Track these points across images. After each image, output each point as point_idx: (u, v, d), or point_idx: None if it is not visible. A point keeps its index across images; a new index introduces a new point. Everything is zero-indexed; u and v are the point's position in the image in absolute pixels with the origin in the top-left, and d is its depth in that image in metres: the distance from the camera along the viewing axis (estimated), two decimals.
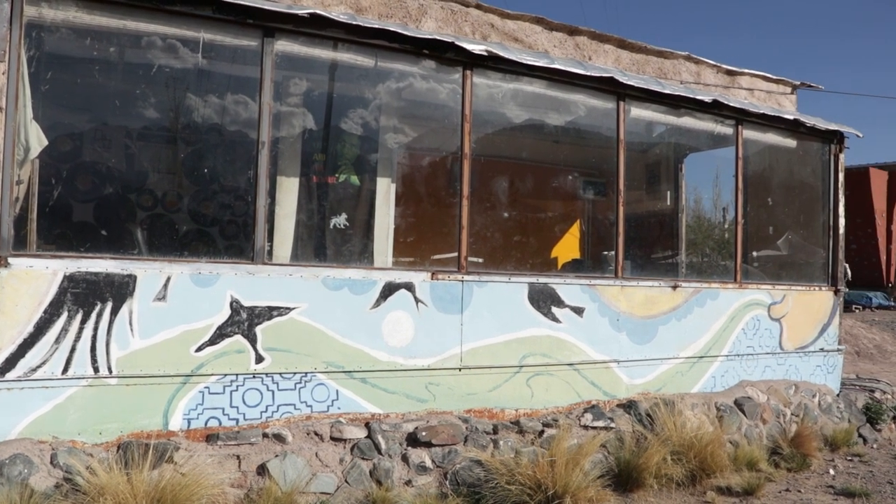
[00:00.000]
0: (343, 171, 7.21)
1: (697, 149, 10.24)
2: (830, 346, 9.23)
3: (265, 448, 5.45)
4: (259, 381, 5.63)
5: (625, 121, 7.55)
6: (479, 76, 6.79)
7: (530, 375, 6.78)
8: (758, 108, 8.50)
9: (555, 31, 7.92)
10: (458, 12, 7.27)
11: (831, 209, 9.44)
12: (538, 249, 10.74)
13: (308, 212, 7.05)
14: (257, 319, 5.61)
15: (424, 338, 6.27)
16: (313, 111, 7.05)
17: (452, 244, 6.61)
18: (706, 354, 7.99)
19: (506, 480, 5.56)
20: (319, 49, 6.17)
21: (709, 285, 8.15)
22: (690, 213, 11.82)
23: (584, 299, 7.14)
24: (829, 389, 9.08)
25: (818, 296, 9.16)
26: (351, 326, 5.97)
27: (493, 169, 10.01)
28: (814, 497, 6.49)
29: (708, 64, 9.12)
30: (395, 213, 7.41)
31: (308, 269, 5.89)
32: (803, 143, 9.49)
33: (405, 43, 6.31)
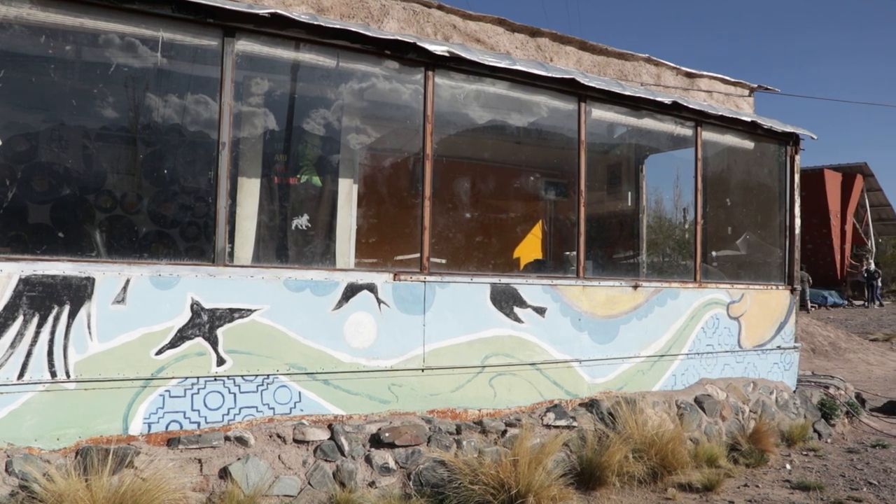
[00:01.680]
0: (305, 171, 7.17)
1: (658, 150, 10.36)
2: (787, 344, 9.40)
3: (227, 451, 5.41)
4: (220, 384, 5.57)
5: (586, 122, 7.61)
6: (442, 77, 6.80)
7: (493, 375, 6.81)
8: (716, 110, 8.63)
9: (517, 33, 7.96)
10: (420, 13, 7.28)
11: (787, 209, 9.61)
12: (500, 250, 10.78)
13: (270, 213, 7.00)
14: (218, 321, 5.56)
15: (387, 339, 6.26)
16: (275, 112, 7.01)
17: (415, 245, 6.61)
18: (667, 353, 8.09)
19: (469, 480, 5.58)
20: (281, 49, 6.14)
21: (669, 285, 8.24)
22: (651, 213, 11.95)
23: (545, 299, 7.18)
24: (786, 386, 9.24)
25: (775, 295, 9.32)
26: (313, 328, 5.94)
27: (455, 170, 10.03)
28: (771, 491, 6.60)
29: (668, 66, 9.24)
30: (358, 214, 7.39)
31: (270, 271, 5.85)
32: (760, 145, 9.65)
33: (367, 43, 6.29)
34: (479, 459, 5.86)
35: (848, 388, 10.31)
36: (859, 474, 7.22)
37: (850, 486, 6.82)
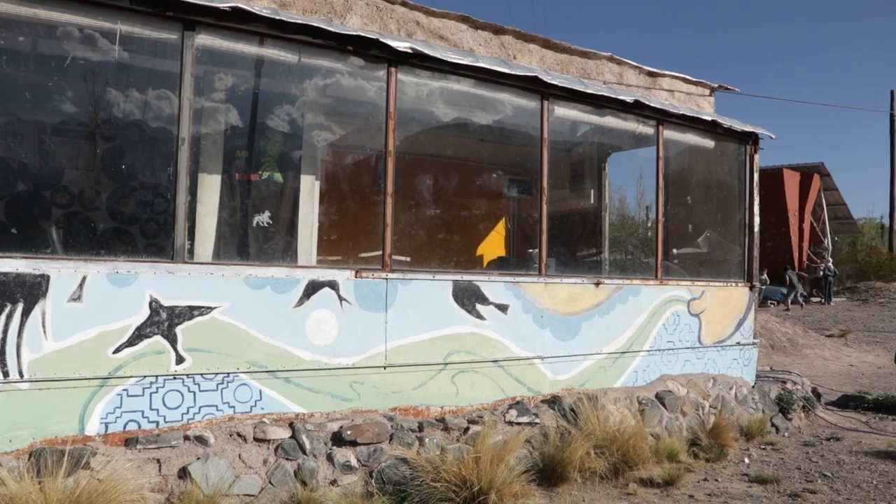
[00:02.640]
0: (266, 168, 7.11)
1: (620, 148, 10.44)
2: (746, 340, 9.53)
3: (187, 451, 5.34)
4: (180, 383, 5.50)
5: (549, 120, 7.64)
6: (407, 74, 6.78)
7: (455, 373, 6.80)
8: (678, 109, 8.71)
9: (480, 30, 7.95)
10: (383, 9, 7.24)
11: (747, 208, 9.73)
12: (464, 247, 10.78)
13: (230, 209, 6.92)
14: (177, 319, 5.48)
15: (349, 336, 6.23)
16: (236, 107, 6.93)
17: (378, 242, 6.58)
18: (628, 350, 8.15)
19: (431, 478, 5.56)
20: (242, 44, 6.06)
21: (631, 282, 8.31)
22: (615, 211, 12.03)
23: (508, 296, 7.20)
24: (745, 382, 9.37)
25: (735, 292, 9.43)
26: (274, 325, 5.89)
27: (419, 167, 10.01)
28: (730, 485, 6.69)
29: (630, 65, 9.30)
30: (320, 211, 7.34)
31: (230, 268, 5.79)
32: (721, 144, 9.76)
33: (329, 39, 6.25)
34: (442, 457, 5.85)
35: (805, 383, 10.49)
36: (814, 467, 7.35)
37: (805, 478, 6.94)
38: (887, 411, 10.19)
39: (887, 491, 6.57)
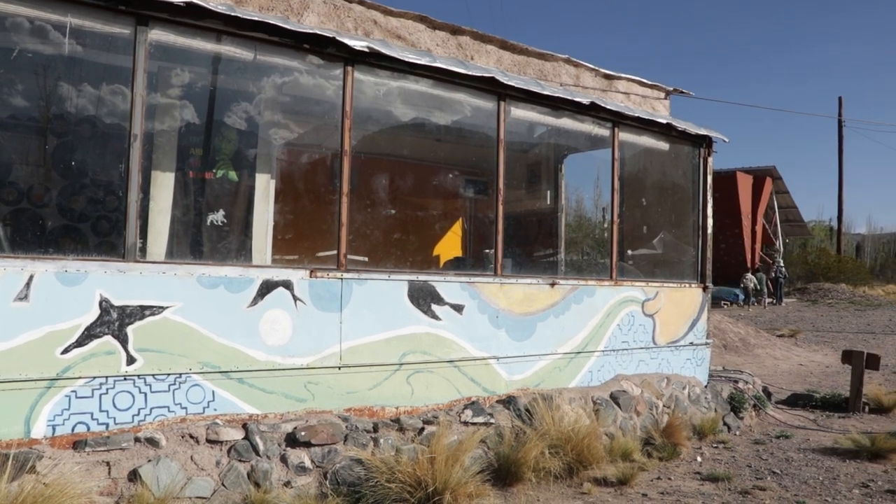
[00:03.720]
0: (221, 166, 7.02)
1: (577, 149, 10.51)
2: (699, 341, 9.66)
3: (137, 453, 5.25)
4: (131, 384, 5.40)
5: (505, 120, 7.66)
6: (364, 73, 6.75)
7: (410, 373, 6.79)
8: (633, 112, 8.79)
9: (438, 30, 7.95)
10: (340, 7, 7.20)
11: (701, 210, 9.87)
12: (421, 247, 10.77)
13: (184, 208, 6.83)
14: (129, 319, 5.39)
15: (303, 336, 6.18)
16: (191, 104, 6.84)
17: (333, 242, 6.54)
18: (583, 350, 8.21)
19: (386, 479, 5.55)
20: (198, 40, 5.97)
21: (586, 282, 8.37)
22: (572, 212, 12.10)
23: (463, 297, 7.20)
24: (698, 381, 9.49)
25: (688, 292, 9.56)
26: (227, 325, 5.82)
27: (376, 166, 9.97)
28: (682, 483, 6.77)
29: (587, 67, 9.37)
30: (275, 210, 7.27)
31: (183, 267, 5.70)
32: (675, 147, 9.88)
33: (285, 37, 6.19)
34: (397, 457, 5.85)
35: (756, 382, 10.66)
36: (764, 464, 7.47)
37: (755, 475, 7.06)
38: (834, 409, 10.43)
39: (832, 486, 6.72)
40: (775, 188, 41.08)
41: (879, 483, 6.80)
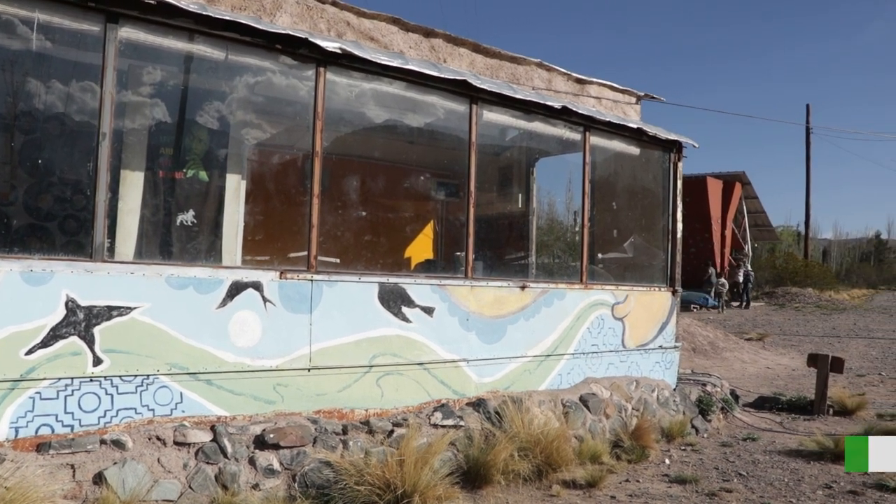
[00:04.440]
0: (191, 166, 6.97)
1: (548, 153, 10.56)
2: (668, 344, 9.74)
3: (103, 455, 5.19)
4: (97, 385, 5.34)
5: (477, 123, 7.68)
6: (336, 75, 6.73)
7: (380, 375, 6.78)
8: (604, 116, 8.85)
9: (411, 33, 7.95)
10: (313, 8, 7.18)
11: (670, 214, 9.95)
12: (392, 249, 10.76)
13: (153, 208, 6.76)
14: (95, 320, 5.33)
15: (272, 338, 6.15)
16: (162, 103, 6.77)
17: (304, 243, 6.51)
18: (553, 353, 8.24)
19: (355, 481, 5.54)
20: (169, 38, 5.92)
21: (556, 286, 8.40)
22: (543, 215, 12.15)
23: (434, 299, 7.20)
24: (667, 384, 9.57)
25: (658, 296, 9.63)
26: (196, 326, 5.77)
27: (349, 168, 9.95)
28: (651, 486, 6.82)
29: (559, 71, 9.41)
30: (245, 211, 7.23)
31: (151, 268, 5.65)
32: (646, 151, 9.96)
33: (258, 37, 6.16)
34: (366, 460, 5.83)
35: (724, 385, 10.78)
36: (731, 466, 7.56)
37: (722, 477, 7.13)
38: (799, 412, 10.58)
39: (797, 488, 6.81)
40: (744, 193, 41.60)
41: (842, 484, 6.91)
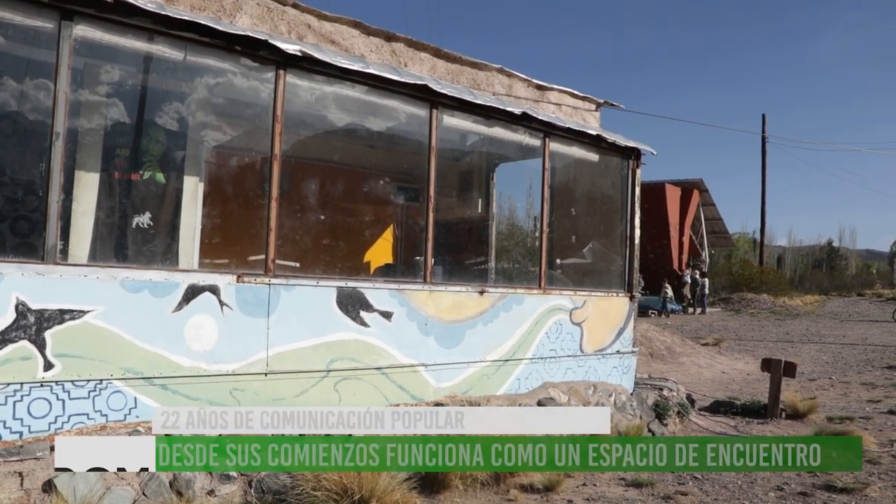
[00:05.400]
0: (148, 167, 6.87)
1: (509, 158, 10.61)
2: (626, 349, 9.83)
3: (53, 462, 5.09)
4: (48, 390, 5.23)
5: (437, 128, 7.69)
6: (296, 77, 6.69)
7: (338, 380, 6.75)
8: (564, 123, 8.91)
9: (372, 36, 7.94)
10: (274, 10, 7.14)
11: (629, 220, 10.06)
12: (352, 253, 10.71)
13: (109, 209, 6.65)
14: (47, 323, 5.22)
15: (229, 342, 6.09)
16: (119, 103, 6.67)
17: (262, 247, 6.46)
18: (511, 357, 8.27)
19: (312, 486, 5.50)
20: (127, 38, 5.83)
21: (514, 291, 8.44)
22: (504, 220, 12.19)
23: (392, 304, 7.19)
24: (624, 389, 9.66)
25: (615, 301, 9.73)
26: (151, 330, 5.69)
27: (308, 171, 9.90)
28: (607, 489, 6.88)
29: (520, 77, 9.46)
30: (203, 214, 7.15)
31: (105, 270, 5.56)
32: (605, 158, 10.05)
33: (217, 38, 6.10)
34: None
35: (680, 389, 10.90)
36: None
37: (678, 480, 7.21)
38: (753, 415, 10.78)
39: (750, 490, 6.93)
40: (702, 200, 42.23)
41: (793, 486, 7.04)
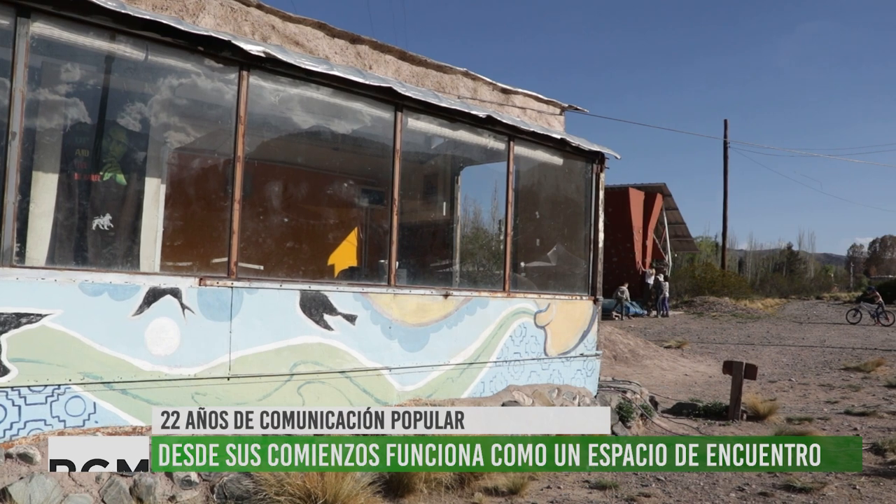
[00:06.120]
0: (109, 169, 6.77)
1: (473, 162, 10.63)
2: (590, 352, 9.89)
3: (9, 470, 4.99)
4: (3, 396, 5.12)
5: (402, 131, 7.67)
6: (260, 79, 6.64)
7: (301, 384, 6.70)
8: (529, 126, 8.94)
9: (337, 38, 7.91)
10: (238, 10, 7.08)
11: (592, 224, 10.12)
12: (316, 256, 10.66)
13: (68, 211, 6.54)
14: (2, 327, 5.10)
15: (191, 346, 6.02)
16: (79, 103, 6.56)
17: (225, 249, 6.40)
18: (476, 361, 8.28)
19: (275, 491, 5.47)
20: (87, 36, 5.74)
21: (479, 294, 8.45)
22: (469, 223, 12.21)
23: (356, 307, 7.16)
24: (588, 392, 9.72)
25: (579, 305, 9.78)
26: (111, 334, 5.60)
27: (272, 174, 9.82)
28: (571, 492, 6.91)
29: (484, 81, 9.49)
30: (165, 216, 7.07)
31: (64, 273, 5.46)
32: (569, 162, 10.11)
33: (179, 38, 6.03)
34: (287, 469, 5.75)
35: (643, 392, 11.00)
36: (649, 472, 7.69)
37: (641, 483, 7.27)
38: (715, 417, 10.90)
39: (711, 491, 7.00)
40: (665, 204, 42.71)
41: (753, 486, 7.13)
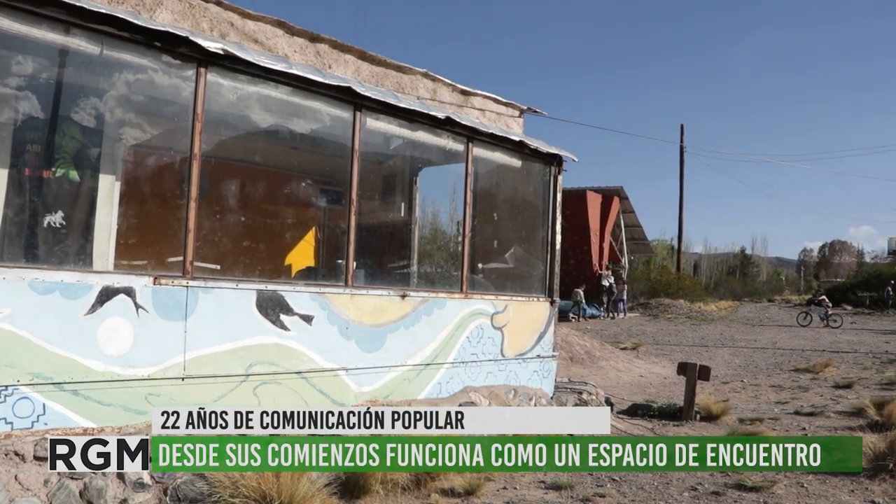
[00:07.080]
0: (61, 165, 6.64)
1: (432, 163, 10.64)
2: (546, 353, 9.95)
3: None
4: None
5: (361, 131, 7.66)
6: (219, 76, 6.57)
7: (257, 384, 6.65)
8: (487, 128, 8.98)
9: (296, 37, 7.87)
10: (196, 7, 7.00)
11: (550, 226, 10.19)
12: (273, 256, 10.59)
13: (18, 207, 6.41)
14: None
15: (145, 346, 5.93)
16: (30, 97, 6.42)
17: (180, 248, 6.32)
18: (433, 362, 8.29)
19: (230, 493, 5.41)
20: (40, 28, 5.63)
21: (436, 295, 8.46)
22: (427, 224, 12.22)
23: (313, 307, 7.13)
24: (545, 393, 9.78)
25: (536, 306, 9.84)
26: (62, 334, 5.49)
27: (230, 172, 9.73)
28: (527, 493, 6.94)
29: (444, 82, 9.50)
30: (119, 213, 6.96)
31: (13, 271, 5.34)
32: (528, 164, 10.17)
33: (136, 33, 5.94)
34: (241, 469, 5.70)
35: (599, 393, 11.11)
36: (605, 472, 7.76)
37: (596, 483, 7.33)
38: (670, 418, 11.04)
39: (665, 491, 7.09)
40: (622, 207, 43.19)
41: (706, 486, 7.24)
